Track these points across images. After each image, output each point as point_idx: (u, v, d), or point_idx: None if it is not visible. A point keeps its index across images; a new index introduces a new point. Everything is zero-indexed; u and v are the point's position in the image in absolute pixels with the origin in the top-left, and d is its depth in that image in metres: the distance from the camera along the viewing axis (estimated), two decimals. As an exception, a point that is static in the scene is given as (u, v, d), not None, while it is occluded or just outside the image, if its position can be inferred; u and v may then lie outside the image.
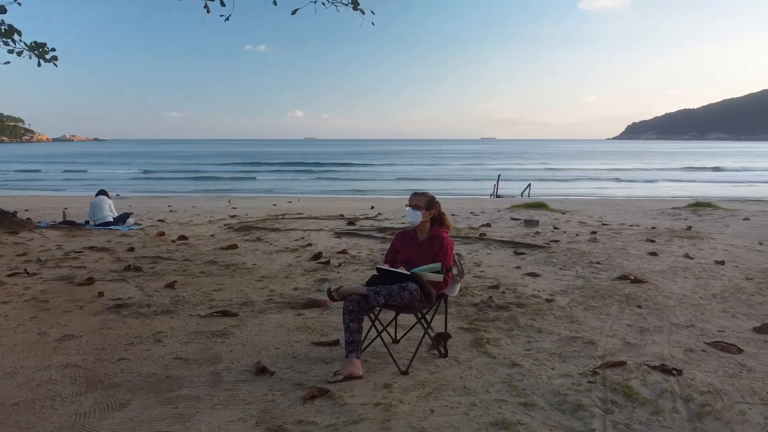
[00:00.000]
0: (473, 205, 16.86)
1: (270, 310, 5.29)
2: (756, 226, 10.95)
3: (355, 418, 3.15)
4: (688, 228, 10.59)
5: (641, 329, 4.71)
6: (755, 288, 5.98)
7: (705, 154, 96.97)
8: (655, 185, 37.22)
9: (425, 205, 4.09)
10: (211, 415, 3.20)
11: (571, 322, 4.90)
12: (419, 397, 3.42)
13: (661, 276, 6.54)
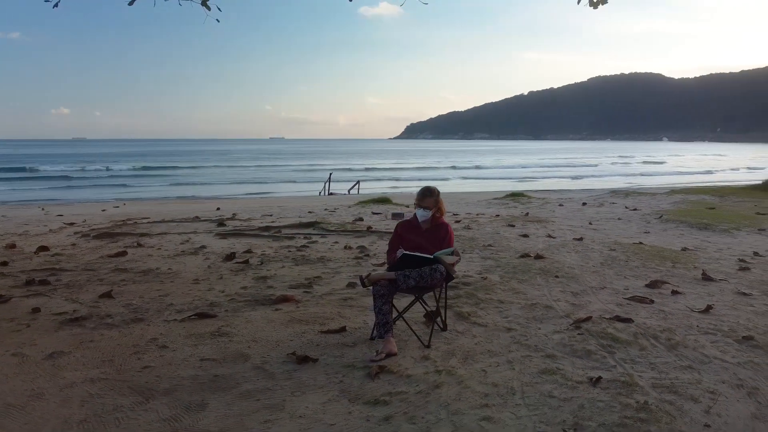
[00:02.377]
0: (315, 203, 17.29)
1: (242, 309, 5.30)
2: (575, 210, 13.20)
3: (432, 384, 3.57)
4: (526, 214, 12.38)
5: (573, 293, 5.73)
6: (624, 257, 7.49)
7: (474, 152, 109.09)
8: (452, 182, 41.33)
9: (434, 204, 4.53)
10: (300, 400, 3.36)
11: (517, 293, 5.76)
12: (461, 363, 3.93)
13: (550, 252, 7.79)
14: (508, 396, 3.38)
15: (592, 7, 9.04)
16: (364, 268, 6.98)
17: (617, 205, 14.45)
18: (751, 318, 4.87)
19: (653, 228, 10.35)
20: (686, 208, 13.30)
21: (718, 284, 6.07)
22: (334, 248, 8.47)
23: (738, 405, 3.24)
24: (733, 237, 9.26)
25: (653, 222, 11.08)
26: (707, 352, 4.07)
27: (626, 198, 16.25)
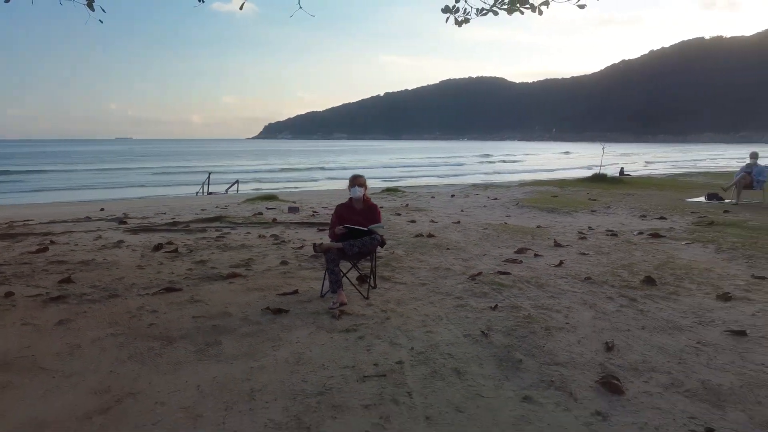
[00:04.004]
0: (201, 202, 17.76)
1: (201, 284, 6.22)
2: (446, 201, 15.14)
3: (383, 317, 4.91)
4: (406, 205, 14.05)
5: (463, 259, 7.34)
6: (495, 233, 9.32)
7: (338, 152, 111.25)
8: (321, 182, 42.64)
9: (364, 182, 5.85)
10: (290, 335, 4.53)
11: (421, 261, 7.24)
12: (397, 305, 5.30)
13: (438, 233, 9.41)
14: (438, 320, 4.80)
15: (457, 25, 10.78)
16: (285, 251, 8.09)
17: (480, 196, 16.66)
18: (589, 267, 6.76)
19: (512, 212, 12.47)
20: (536, 196, 15.80)
21: (565, 248, 8.02)
22: (249, 237, 9.42)
23: (584, 313, 4.94)
24: (572, 217, 11.57)
25: (512, 208, 13.27)
26: (562, 287, 5.81)
27: (486, 190, 18.63)
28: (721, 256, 7.52)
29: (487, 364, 3.84)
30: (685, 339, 4.33)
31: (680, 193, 17.32)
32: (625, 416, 3.11)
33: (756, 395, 3.35)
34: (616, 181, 21.35)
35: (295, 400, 3.32)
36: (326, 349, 4.18)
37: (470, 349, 4.13)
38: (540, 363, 3.85)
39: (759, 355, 3.98)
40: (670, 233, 9.36)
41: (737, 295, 5.58)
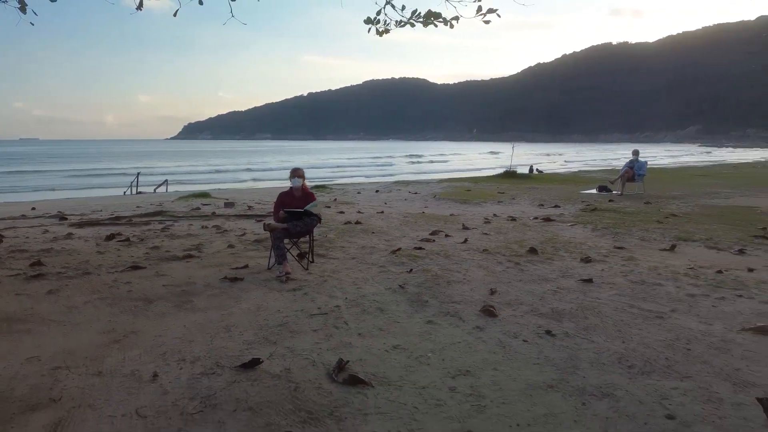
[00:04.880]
0: (134, 201, 18.25)
1: (161, 263, 7.21)
2: (371, 196, 16.48)
3: (322, 281, 6.14)
4: (334, 200, 15.27)
5: (386, 240, 8.67)
6: (414, 220, 10.73)
7: (263, 152, 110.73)
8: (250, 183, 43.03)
9: (303, 175, 7.04)
10: (249, 295, 5.68)
11: (350, 242, 8.51)
12: (333, 273, 6.55)
13: (364, 221, 10.71)
14: (365, 281, 6.09)
15: (378, 35, 12.03)
16: (230, 237, 9.13)
17: (402, 191, 18.13)
18: (488, 243, 8.26)
19: (430, 204, 13.98)
20: (451, 190, 17.44)
21: (471, 230, 9.52)
22: (192, 228, 10.36)
23: (478, 272, 6.38)
24: (481, 207, 13.20)
25: (430, 200, 14.79)
26: (464, 257, 7.26)
27: (408, 186, 20.15)
28: (594, 234, 9.24)
29: (402, 304, 5.17)
30: (549, 286, 5.83)
31: (578, 186, 19.48)
32: (495, 328, 4.51)
33: (585, 314, 4.85)
34: (525, 177, 23.46)
35: (262, 329, 4.51)
36: (279, 301, 5.37)
37: (390, 296, 5.45)
38: (441, 302, 5.22)
39: (596, 293, 5.52)
40: (559, 218, 11.10)
41: (597, 258, 7.21)
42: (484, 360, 3.88)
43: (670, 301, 5.27)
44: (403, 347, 4.12)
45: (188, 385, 3.47)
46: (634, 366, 3.77)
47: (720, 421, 3.03)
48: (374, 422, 3.02)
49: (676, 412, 3.14)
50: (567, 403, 3.24)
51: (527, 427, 2.98)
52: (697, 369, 3.72)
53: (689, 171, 31.61)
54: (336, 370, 3.62)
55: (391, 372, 3.67)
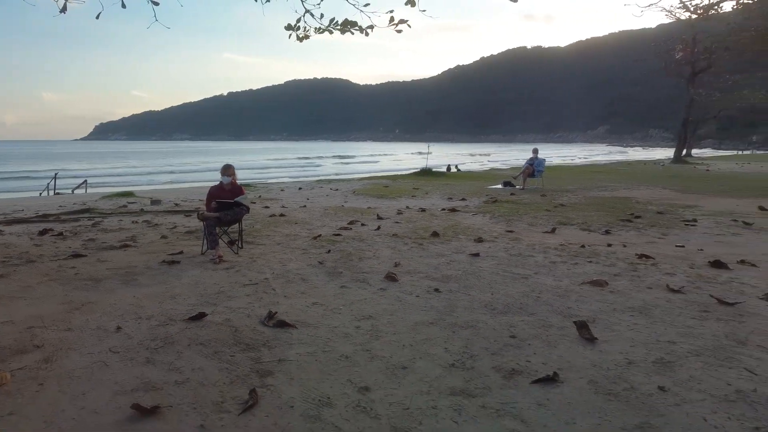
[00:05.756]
0: (55, 201, 18.24)
1: (100, 252, 7.87)
2: (294, 193, 17.36)
3: (251, 261, 7.07)
4: (259, 196, 16.05)
5: (308, 229, 9.66)
6: (333, 213, 11.77)
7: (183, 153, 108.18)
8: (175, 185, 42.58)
9: (233, 173, 7.91)
10: (187, 274, 6.53)
11: (275, 231, 9.44)
12: (260, 256, 7.48)
13: (287, 213, 11.64)
14: (290, 260, 7.07)
15: (298, 41, 12.92)
16: (162, 230, 9.82)
17: (324, 188, 19.12)
18: (398, 230, 9.42)
19: (349, 199, 15.06)
20: (370, 187, 18.60)
21: (385, 220, 10.67)
22: (123, 224, 10.91)
23: (386, 251, 7.51)
24: (396, 201, 14.42)
25: (349, 196, 15.87)
26: (376, 240, 8.37)
27: (329, 184, 21.15)
28: (491, 221, 10.61)
29: (321, 275, 6.20)
30: (443, 259, 7.04)
31: (487, 182, 21.15)
32: (395, 289, 5.63)
33: (467, 277, 6.06)
34: (441, 174, 25.00)
35: (203, 296, 5.41)
36: (214, 278, 6.26)
37: (311, 270, 6.47)
38: (353, 272, 6.30)
39: (480, 264, 6.77)
40: (464, 209, 12.46)
41: (488, 239, 8.52)
42: (384, 309, 4.98)
43: (536, 267, 6.59)
44: (321, 303, 5.15)
45: (148, 332, 4.35)
46: (496, 308, 4.98)
47: (546, 337, 4.26)
48: (298, 347, 4.04)
49: (518, 333, 4.34)
50: (442, 332, 4.38)
51: (410, 347, 4.09)
52: (541, 309, 4.98)
53: (590, 168, 34.38)
54: (267, 318, 4.60)
55: (311, 319, 4.70)
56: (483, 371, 3.64)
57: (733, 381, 3.47)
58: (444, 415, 3.05)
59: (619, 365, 3.73)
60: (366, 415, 3.06)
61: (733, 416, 3.04)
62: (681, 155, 42.76)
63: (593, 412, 3.10)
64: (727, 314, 4.81)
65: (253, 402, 3.15)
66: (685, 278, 6.08)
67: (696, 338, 4.22)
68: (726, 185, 19.42)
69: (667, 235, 8.97)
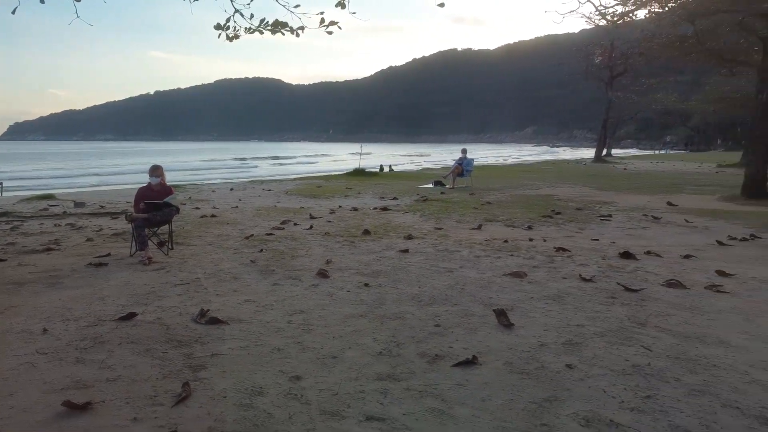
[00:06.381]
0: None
1: (21, 256, 7.62)
2: (226, 194, 17.17)
3: (182, 261, 7.06)
4: (189, 197, 15.79)
5: (240, 229, 9.65)
6: (266, 213, 11.79)
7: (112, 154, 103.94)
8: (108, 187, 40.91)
9: (162, 173, 7.84)
10: (116, 276, 6.47)
11: (207, 232, 9.39)
12: (191, 257, 7.46)
13: (219, 214, 11.56)
14: (222, 259, 7.10)
15: (228, 41, 12.84)
16: (87, 233, 9.56)
17: (256, 189, 19.00)
18: (330, 228, 9.57)
19: (282, 199, 15.07)
20: (303, 187, 18.65)
21: (317, 219, 10.80)
22: (45, 227, 10.53)
23: (319, 249, 7.65)
24: (329, 201, 14.57)
25: (282, 196, 15.88)
26: (308, 239, 8.50)
27: (262, 184, 21.01)
28: (421, 219, 10.94)
29: (253, 274, 6.29)
30: (374, 256, 7.26)
31: (418, 181, 21.59)
32: (326, 285, 5.79)
33: (396, 272, 6.30)
34: (374, 174, 25.30)
35: (133, 297, 5.40)
36: (145, 278, 6.23)
37: (243, 269, 6.54)
38: (285, 270, 6.42)
39: (408, 259, 7.04)
40: (395, 207, 12.75)
41: (417, 236, 8.81)
42: (316, 304, 5.14)
43: (462, 261, 6.92)
44: (253, 300, 5.26)
45: (77, 333, 4.33)
46: (423, 300, 5.24)
47: (468, 325, 4.55)
48: (230, 342, 4.14)
49: (442, 322, 4.61)
50: (370, 324, 4.59)
51: (340, 338, 4.27)
52: (465, 299, 5.27)
53: (517, 167, 35.62)
54: (199, 316, 4.67)
55: (243, 315, 4.80)
56: (408, 358, 3.87)
57: (630, 357, 3.85)
58: (371, 398, 3.25)
59: (533, 347, 4.05)
60: (297, 401, 3.22)
61: (628, 387, 3.39)
62: (602, 155, 44.93)
63: (507, 389, 3.38)
64: (631, 300, 5.26)
65: (186, 394, 3.25)
66: (596, 268, 6.55)
67: (602, 321, 4.62)
68: (640, 183, 20.68)
69: (583, 230, 9.56)
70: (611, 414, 3.05)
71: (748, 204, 13.56)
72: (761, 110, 14.90)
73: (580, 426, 2.93)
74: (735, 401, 3.20)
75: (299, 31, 9.76)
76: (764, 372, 3.62)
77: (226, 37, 11.16)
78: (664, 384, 3.43)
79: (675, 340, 4.20)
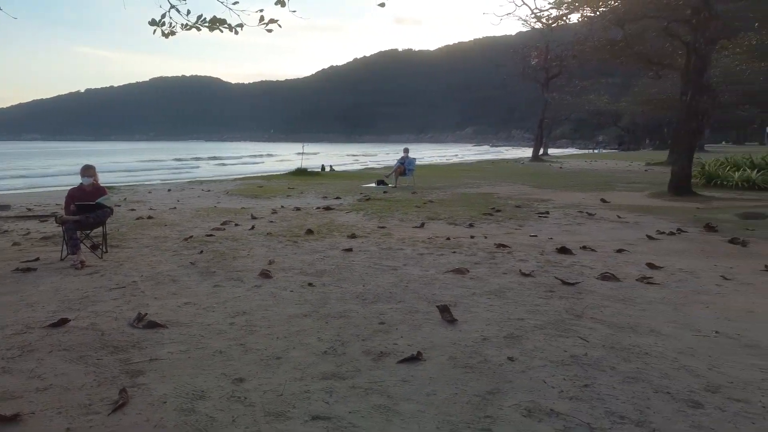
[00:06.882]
0: None
1: (-60, 262, 7.17)
2: (163, 195, 16.68)
3: (118, 264, 6.81)
4: (125, 199, 15.24)
5: (179, 230, 9.39)
6: (206, 213, 11.51)
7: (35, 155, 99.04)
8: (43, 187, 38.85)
9: (94, 173, 7.53)
10: (49, 281, 6.17)
11: (144, 234, 9.09)
12: (127, 260, 7.21)
13: (156, 216, 11.21)
14: (160, 262, 6.89)
15: (164, 37, 12.44)
16: (13, 237, 9.08)
17: (195, 189, 18.53)
18: (272, 228, 9.44)
19: (222, 200, 14.77)
20: (244, 187, 18.34)
21: (259, 219, 10.63)
22: (-34, 231, 9.94)
23: (261, 249, 7.53)
24: (271, 201, 14.38)
25: (222, 196, 15.56)
26: (250, 240, 8.36)
27: (202, 185, 20.52)
28: (364, 218, 10.95)
29: (193, 276, 6.13)
30: (318, 255, 7.21)
31: (361, 181, 21.61)
32: (270, 285, 5.71)
33: (340, 271, 6.28)
34: (316, 174, 25.15)
35: (64, 302, 5.16)
36: (77, 283, 5.96)
37: (182, 270, 6.37)
38: (227, 271, 6.29)
39: (352, 258, 7.03)
40: (338, 207, 12.71)
41: (361, 235, 8.81)
42: (258, 305, 5.05)
43: (405, 259, 6.97)
44: (194, 303, 5.12)
45: (3, 342, 4.11)
46: (367, 299, 5.24)
47: (412, 322, 4.58)
48: (169, 346, 4.02)
49: (387, 320, 4.62)
50: (315, 323, 4.56)
51: (284, 338, 4.22)
52: (409, 296, 5.31)
53: (458, 166, 36.20)
54: (136, 320, 4.51)
55: (183, 318, 4.67)
56: (354, 356, 3.86)
57: (569, 348, 3.98)
58: (316, 398, 3.23)
59: (476, 342, 4.12)
60: (240, 403, 3.16)
61: (567, 377, 3.50)
62: (539, 154, 46.22)
63: (452, 383, 3.43)
64: (569, 293, 5.44)
65: (124, 401, 3.13)
66: (535, 264, 6.74)
67: (541, 314, 4.75)
68: (575, 181, 21.40)
69: (522, 227, 9.81)
70: (551, 404, 3.14)
71: (675, 200, 14.27)
72: (685, 111, 15.70)
73: (522, 416, 3.00)
74: (666, 387, 3.36)
75: (238, 28, 9.56)
76: (691, 358, 3.81)
77: (162, 34, 10.79)
78: (601, 373, 3.56)
79: (610, 330, 4.36)
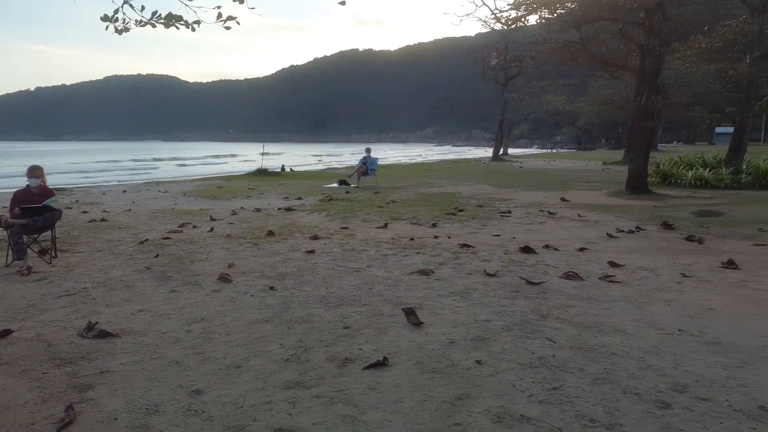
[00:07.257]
0: None
1: None
2: (118, 196, 16.14)
3: (68, 270, 6.49)
4: (77, 201, 14.68)
5: (134, 233, 9.05)
6: (162, 215, 11.15)
7: None
8: None
9: (42, 174, 7.17)
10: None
11: (96, 237, 8.73)
12: (77, 266, 6.89)
13: (110, 218, 10.80)
14: (113, 267, 6.60)
15: (117, 33, 12.06)
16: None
17: (152, 191, 18.02)
18: (232, 230, 9.20)
19: (180, 201, 14.38)
20: (203, 188, 17.92)
21: (218, 221, 10.35)
22: None
23: (220, 252, 7.30)
24: (231, 201, 14.06)
25: (180, 198, 15.15)
26: (208, 242, 8.10)
27: (158, 186, 19.97)
28: (327, 218, 10.78)
29: (148, 281, 5.88)
30: (279, 258, 7.03)
31: (323, 181, 21.40)
32: (229, 290, 5.52)
33: (302, 274, 6.12)
34: (276, 174, 24.82)
35: (8, 312, 4.86)
36: (23, 291, 5.65)
37: (137, 276, 6.11)
38: (184, 276, 6.06)
39: (315, 260, 6.88)
40: (300, 207, 12.51)
41: (323, 236, 8.65)
42: (217, 311, 4.86)
43: (369, 260, 6.86)
44: (148, 310, 4.89)
45: (-62, 356, 3.82)
46: (331, 302, 5.10)
47: (378, 325, 4.47)
48: (122, 358, 3.81)
49: (351, 324, 4.50)
50: (277, 329, 4.40)
51: (244, 346, 4.05)
52: (374, 299, 5.20)
53: (420, 166, 36.29)
54: (86, 330, 4.27)
55: (137, 326, 4.44)
56: (317, 363, 3.73)
57: (536, 350, 3.93)
58: (279, 409, 3.08)
59: (443, 345, 4.03)
60: (198, 417, 2.99)
61: (536, 380, 3.44)
62: (499, 154, 46.74)
63: (419, 389, 3.32)
64: (534, 292, 5.41)
65: (70, 419, 2.93)
66: (500, 263, 6.71)
67: (508, 315, 4.70)
68: (535, 180, 21.66)
69: (485, 226, 9.81)
70: (521, 408, 3.07)
71: (632, 198, 14.55)
72: (640, 112, 16.03)
73: (492, 423, 2.92)
74: (634, 387, 3.33)
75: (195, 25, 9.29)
76: (657, 357, 3.80)
77: (115, 30, 10.50)
78: (569, 375, 3.51)
79: (576, 330, 4.33)
